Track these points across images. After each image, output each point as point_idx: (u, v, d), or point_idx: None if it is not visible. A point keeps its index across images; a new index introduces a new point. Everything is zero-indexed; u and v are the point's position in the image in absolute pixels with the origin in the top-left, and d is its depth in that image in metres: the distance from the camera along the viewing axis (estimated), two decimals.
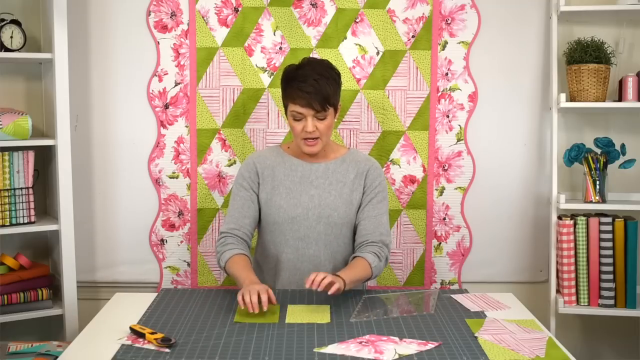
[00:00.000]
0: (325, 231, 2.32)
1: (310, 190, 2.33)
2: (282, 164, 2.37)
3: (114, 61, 2.82)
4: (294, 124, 2.27)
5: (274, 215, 2.33)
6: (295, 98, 2.23)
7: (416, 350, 1.75)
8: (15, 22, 2.62)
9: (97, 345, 1.81)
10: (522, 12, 2.82)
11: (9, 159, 2.59)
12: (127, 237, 2.89)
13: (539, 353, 1.75)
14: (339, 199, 2.32)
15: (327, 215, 2.31)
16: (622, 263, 2.68)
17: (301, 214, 2.31)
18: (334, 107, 2.27)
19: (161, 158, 2.85)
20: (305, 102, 2.21)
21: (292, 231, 2.32)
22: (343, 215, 2.32)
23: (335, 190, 2.33)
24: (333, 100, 2.25)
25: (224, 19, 2.80)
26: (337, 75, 2.30)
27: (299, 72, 2.25)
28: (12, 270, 2.64)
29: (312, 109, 2.21)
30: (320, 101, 2.21)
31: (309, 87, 2.20)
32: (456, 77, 2.83)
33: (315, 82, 2.20)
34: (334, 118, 2.30)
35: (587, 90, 2.71)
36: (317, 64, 2.29)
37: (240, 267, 2.19)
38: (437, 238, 2.90)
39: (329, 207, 2.31)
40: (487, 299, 2.22)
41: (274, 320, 1.97)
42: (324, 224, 2.31)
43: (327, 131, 2.28)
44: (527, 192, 2.89)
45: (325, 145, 2.33)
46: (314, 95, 2.20)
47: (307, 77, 2.22)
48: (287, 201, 2.32)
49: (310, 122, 2.23)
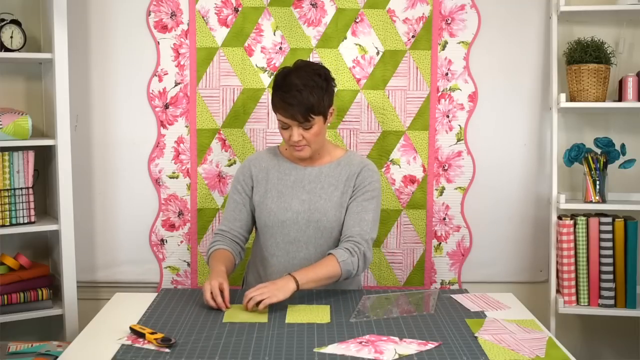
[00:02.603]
0: (315, 235, 2.30)
1: (301, 195, 2.31)
2: (277, 166, 2.36)
3: (114, 61, 2.82)
4: (282, 132, 2.25)
5: (264, 219, 2.32)
6: (279, 108, 2.20)
7: (416, 350, 1.75)
8: (15, 22, 2.62)
9: (97, 345, 1.81)
10: (522, 12, 2.82)
11: (9, 159, 2.59)
12: (127, 237, 2.89)
13: (539, 353, 1.75)
14: (328, 203, 2.29)
15: (317, 220, 2.29)
16: (622, 263, 2.68)
17: (291, 218, 2.29)
18: (321, 114, 2.22)
19: (161, 158, 2.85)
20: (288, 113, 2.18)
21: (283, 235, 2.31)
22: (332, 219, 2.29)
23: (326, 194, 2.31)
24: (319, 110, 2.19)
25: (224, 19, 2.80)
26: (326, 82, 2.23)
27: (285, 81, 2.20)
28: (12, 270, 2.64)
29: (295, 120, 2.18)
30: (302, 113, 2.17)
31: (291, 98, 2.16)
32: (456, 77, 2.83)
33: (298, 93, 2.16)
34: (326, 122, 2.26)
35: (587, 90, 2.71)
36: (304, 71, 2.22)
37: (214, 258, 2.26)
38: (437, 238, 2.90)
39: (318, 211, 2.29)
40: (487, 299, 2.22)
41: (263, 320, 1.96)
42: (313, 228, 2.29)
43: (315, 138, 2.24)
44: (527, 192, 2.89)
45: (316, 150, 2.30)
46: (297, 107, 2.16)
47: (291, 87, 2.17)
48: (277, 205, 2.31)
49: (295, 132, 2.20)
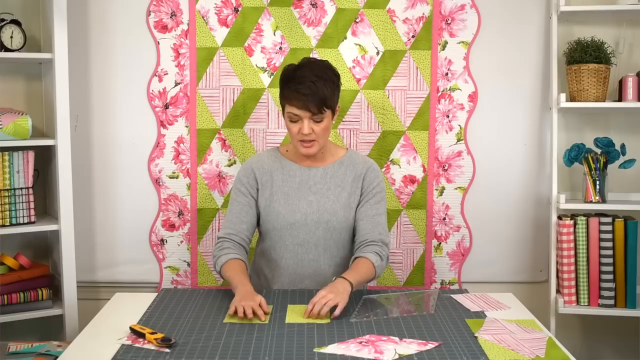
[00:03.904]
0: (325, 236, 2.31)
1: (308, 196, 2.32)
2: (281, 169, 2.36)
3: (114, 61, 2.82)
4: (291, 126, 2.25)
5: (272, 222, 2.32)
6: (292, 100, 2.20)
7: (416, 350, 1.75)
8: (15, 22, 2.62)
9: (97, 345, 1.81)
10: (522, 12, 2.82)
11: (9, 159, 2.59)
12: (127, 237, 2.89)
13: (539, 353, 1.75)
14: (337, 204, 2.31)
15: (326, 221, 2.30)
16: (622, 263, 2.68)
17: (300, 219, 2.30)
18: (331, 109, 2.24)
19: (161, 158, 2.85)
20: (301, 104, 2.18)
21: (292, 237, 2.31)
22: (342, 220, 2.30)
23: (334, 194, 2.32)
24: (330, 103, 2.22)
25: (224, 19, 2.80)
26: (336, 77, 2.28)
27: (296, 73, 2.22)
28: (12, 270, 2.64)
29: (309, 111, 2.19)
30: (317, 103, 2.18)
31: (305, 88, 2.17)
32: (456, 77, 2.83)
33: (312, 83, 2.17)
34: (332, 120, 2.28)
35: (587, 90, 2.71)
36: (316, 65, 2.26)
37: (235, 271, 2.18)
38: (437, 238, 2.90)
39: (327, 212, 2.30)
40: (487, 299, 2.22)
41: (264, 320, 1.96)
42: (322, 229, 2.30)
43: (324, 133, 2.26)
44: (527, 192, 2.89)
45: (322, 147, 2.30)
46: (311, 97, 2.17)
47: (305, 78, 2.19)
48: (285, 207, 2.31)
49: (306, 124, 2.21)
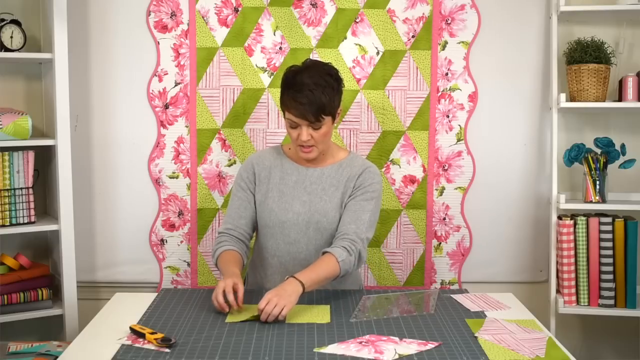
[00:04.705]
0: (316, 236, 2.30)
1: (302, 196, 2.31)
2: (280, 166, 2.36)
3: (114, 61, 2.82)
4: (290, 131, 2.25)
5: (265, 219, 2.32)
6: (290, 107, 2.20)
7: (416, 350, 1.75)
8: (15, 22, 2.62)
9: (97, 345, 1.81)
10: (522, 12, 2.82)
11: (9, 159, 2.59)
12: (127, 237, 2.89)
13: (539, 353, 1.75)
14: (329, 204, 2.29)
15: (317, 221, 2.29)
16: (622, 263, 2.68)
17: (291, 219, 2.29)
18: (331, 115, 2.22)
19: (161, 158, 2.85)
20: (299, 112, 2.18)
21: (283, 235, 2.31)
22: (332, 220, 2.29)
23: (327, 195, 2.31)
24: (329, 109, 2.20)
25: (224, 19, 2.80)
26: (337, 82, 2.25)
27: (296, 80, 2.20)
28: (12, 270, 2.64)
29: (306, 119, 2.18)
30: (314, 112, 2.17)
31: (303, 97, 2.16)
32: (456, 77, 2.83)
33: (310, 92, 2.16)
34: (333, 124, 2.27)
35: (587, 90, 2.71)
36: (316, 70, 2.23)
37: (225, 261, 2.21)
38: (437, 238, 2.90)
39: (318, 212, 2.29)
40: (487, 299, 2.22)
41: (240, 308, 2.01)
42: (313, 229, 2.29)
43: (324, 139, 2.25)
44: (527, 192, 2.89)
45: (322, 151, 2.30)
46: (308, 107, 2.16)
47: (303, 86, 2.17)
48: (278, 205, 2.31)
49: (304, 132, 2.20)
